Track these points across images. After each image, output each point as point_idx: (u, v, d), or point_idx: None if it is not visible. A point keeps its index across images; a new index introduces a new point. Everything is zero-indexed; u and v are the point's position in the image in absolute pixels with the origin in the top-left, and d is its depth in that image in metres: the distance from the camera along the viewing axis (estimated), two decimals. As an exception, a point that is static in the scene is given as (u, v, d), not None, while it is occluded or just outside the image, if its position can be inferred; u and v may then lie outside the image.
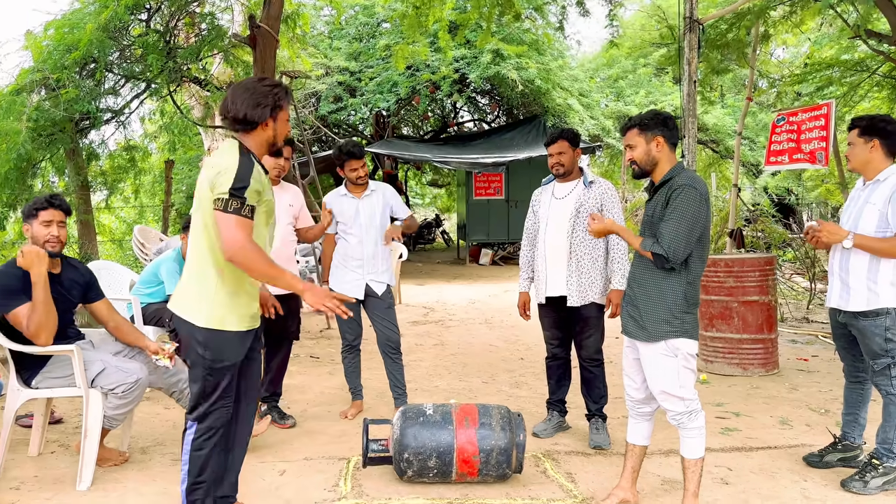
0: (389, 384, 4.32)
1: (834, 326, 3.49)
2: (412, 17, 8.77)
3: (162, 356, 3.39)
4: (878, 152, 3.23)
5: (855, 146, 3.28)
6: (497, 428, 3.22)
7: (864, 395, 3.48)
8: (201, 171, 2.62)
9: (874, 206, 3.17)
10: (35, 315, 3.11)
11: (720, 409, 4.54)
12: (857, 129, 3.28)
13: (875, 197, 3.19)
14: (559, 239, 3.87)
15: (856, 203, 3.31)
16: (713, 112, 13.85)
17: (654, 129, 2.86)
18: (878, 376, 3.20)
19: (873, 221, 3.17)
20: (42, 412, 3.61)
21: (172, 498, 3.10)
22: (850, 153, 3.32)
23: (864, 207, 3.22)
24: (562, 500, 3.12)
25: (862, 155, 3.26)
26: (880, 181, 3.21)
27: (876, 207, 3.16)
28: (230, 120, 2.55)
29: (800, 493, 3.21)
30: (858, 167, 3.31)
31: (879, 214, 3.15)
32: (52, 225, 3.23)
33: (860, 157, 3.27)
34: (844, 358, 3.51)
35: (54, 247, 3.25)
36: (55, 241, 3.24)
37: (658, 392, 2.85)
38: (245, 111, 2.51)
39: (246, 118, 2.52)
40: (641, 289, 2.88)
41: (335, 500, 3.08)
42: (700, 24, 6.10)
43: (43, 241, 3.22)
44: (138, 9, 7.96)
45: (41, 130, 7.48)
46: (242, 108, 2.51)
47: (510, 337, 7.19)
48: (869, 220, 3.19)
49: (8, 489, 3.17)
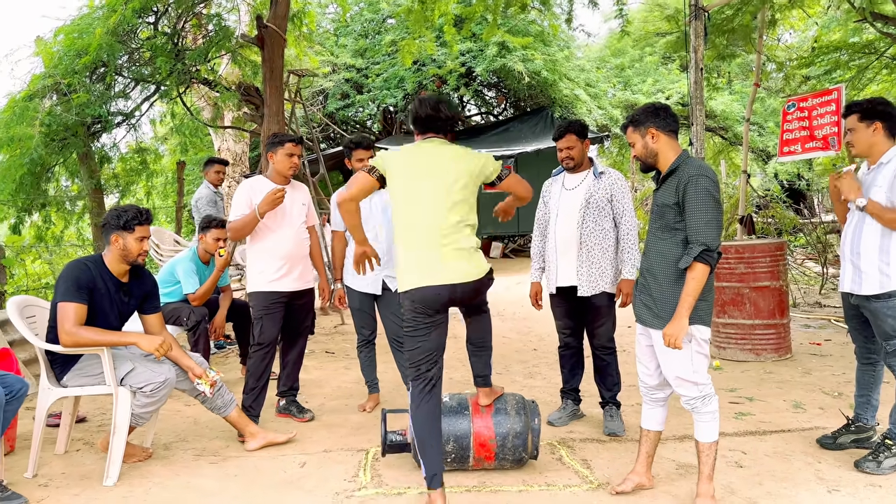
0: (402, 375, 4.38)
1: (846, 309, 3.52)
2: (418, 11, 8.79)
3: (204, 381, 3.48)
4: (881, 135, 3.26)
5: (857, 131, 3.30)
6: (512, 413, 3.28)
7: (877, 377, 3.51)
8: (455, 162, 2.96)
9: (880, 188, 3.21)
10: (83, 341, 3.22)
11: (733, 395, 4.57)
12: (857, 115, 3.30)
13: (880, 179, 3.22)
14: (569, 229, 3.91)
15: (864, 187, 3.33)
16: (721, 98, 13.78)
17: (646, 122, 2.90)
18: (892, 357, 3.22)
19: (880, 201, 3.20)
20: (70, 411, 3.69)
21: (196, 491, 3.17)
22: (853, 139, 3.33)
23: (871, 190, 3.25)
24: (578, 486, 3.17)
25: (866, 139, 3.28)
26: (883, 164, 3.25)
27: (882, 190, 3.20)
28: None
29: (814, 475, 3.24)
30: (863, 151, 3.33)
31: (886, 196, 3.19)
32: (145, 241, 3.38)
33: (864, 141, 3.29)
34: (856, 339, 3.53)
35: (143, 260, 3.43)
36: (145, 255, 3.41)
37: (672, 378, 2.89)
38: None
39: None
40: (654, 278, 2.91)
41: (355, 490, 3.14)
42: (706, 12, 6.09)
43: (136, 255, 3.36)
44: (146, 12, 8.03)
45: (54, 135, 7.58)
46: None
47: (523, 328, 7.24)
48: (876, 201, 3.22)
49: (37, 486, 3.25)
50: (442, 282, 2.89)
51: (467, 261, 2.94)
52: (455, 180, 2.94)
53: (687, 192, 2.76)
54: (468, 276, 2.93)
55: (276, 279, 3.99)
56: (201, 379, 3.48)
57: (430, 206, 2.93)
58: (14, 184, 7.36)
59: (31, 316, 3.50)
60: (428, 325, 2.96)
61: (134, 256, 3.36)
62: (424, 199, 2.94)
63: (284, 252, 4.01)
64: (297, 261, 4.08)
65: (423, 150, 3.03)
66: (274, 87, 6.14)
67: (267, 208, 3.88)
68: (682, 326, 2.72)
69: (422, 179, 2.96)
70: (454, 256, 2.91)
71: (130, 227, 3.32)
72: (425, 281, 2.90)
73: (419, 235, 2.94)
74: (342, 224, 4.37)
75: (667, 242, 2.86)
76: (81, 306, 3.22)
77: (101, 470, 3.34)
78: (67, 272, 3.28)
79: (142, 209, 3.39)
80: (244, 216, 3.94)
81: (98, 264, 3.35)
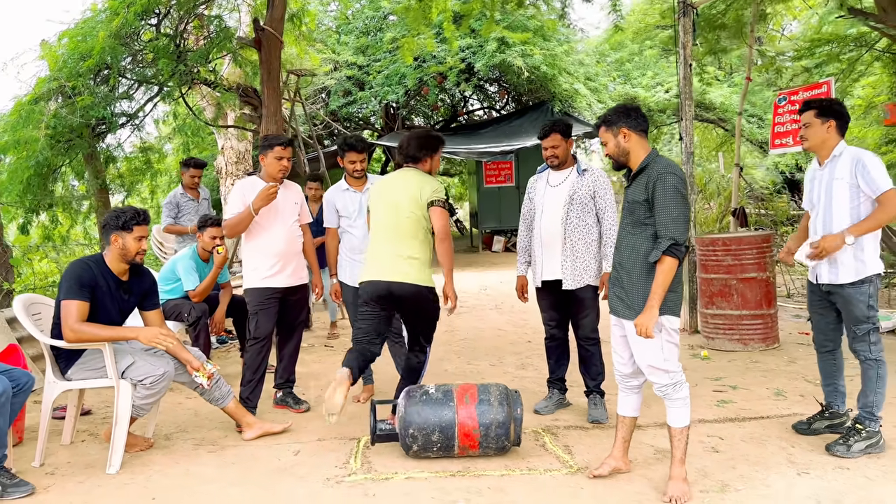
0: (395, 364, 4.53)
1: (814, 299, 3.64)
2: (416, 9, 8.90)
3: (202, 374, 3.63)
4: (833, 132, 3.41)
5: (812, 126, 3.44)
6: (495, 404, 3.42)
7: (838, 364, 3.64)
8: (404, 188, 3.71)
9: (841, 180, 3.35)
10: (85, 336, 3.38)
11: (718, 384, 4.70)
12: (814, 111, 3.44)
13: (839, 172, 3.37)
14: (554, 225, 4.04)
15: (820, 182, 3.46)
16: (720, 91, 13.83)
17: (618, 123, 3.03)
18: (858, 342, 3.36)
19: (845, 195, 3.35)
20: (75, 403, 3.86)
21: (194, 478, 3.34)
22: (807, 133, 3.47)
23: (833, 184, 3.38)
24: (558, 470, 3.31)
25: (820, 135, 3.42)
26: (836, 157, 3.41)
27: (844, 181, 3.34)
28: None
29: (786, 459, 3.37)
30: (815, 147, 3.47)
31: (849, 186, 3.33)
32: (143, 240, 3.54)
33: (818, 137, 3.43)
34: (817, 328, 3.67)
35: (142, 259, 3.59)
36: (143, 254, 3.57)
37: (645, 366, 3.02)
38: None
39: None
40: (626, 271, 3.04)
41: (345, 476, 3.30)
42: (694, 9, 6.19)
43: (134, 254, 3.51)
44: (148, 14, 8.18)
45: (59, 137, 7.74)
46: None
47: (519, 321, 7.37)
48: (841, 195, 3.37)
49: (44, 474, 3.42)
50: (382, 278, 3.66)
51: (408, 266, 3.66)
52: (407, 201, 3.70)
53: (656, 189, 2.89)
54: (406, 277, 3.65)
55: (270, 276, 4.15)
56: (199, 372, 3.64)
57: (387, 220, 3.74)
58: (21, 185, 7.53)
59: (37, 313, 3.66)
60: (371, 312, 3.74)
61: (133, 255, 3.52)
62: (384, 215, 3.75)
63: (277, 249, 4.17)
64: (290, 258, 4.24)
65: (392, 178, 3.88)
66: (271, 87, 6.29)
67: (261, 204, 4.03)
68: (653, 317, 2.85)
69: (384, 201, 3.78)
70: (398, 262, 3.66)
71: (129, 228, 3.47)
72: (372, 276, 3.70)
73: (378, 243, 3.77)
74: (335, 221, 4.53)
75: (637, 237, 2.99)
76: (84, 304, 3.38)
77: (105, 459, 3.50)
78: (70, 271, 3.44)
79: (139, 210, 3.54)
80: (239, 213, 4.09)
81: (99, 263, 3.51)
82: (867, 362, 3.36)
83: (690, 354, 5.60)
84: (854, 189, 3.33)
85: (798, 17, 15.37)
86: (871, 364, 3.35)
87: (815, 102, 3.49)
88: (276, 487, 3.21)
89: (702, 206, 8.99)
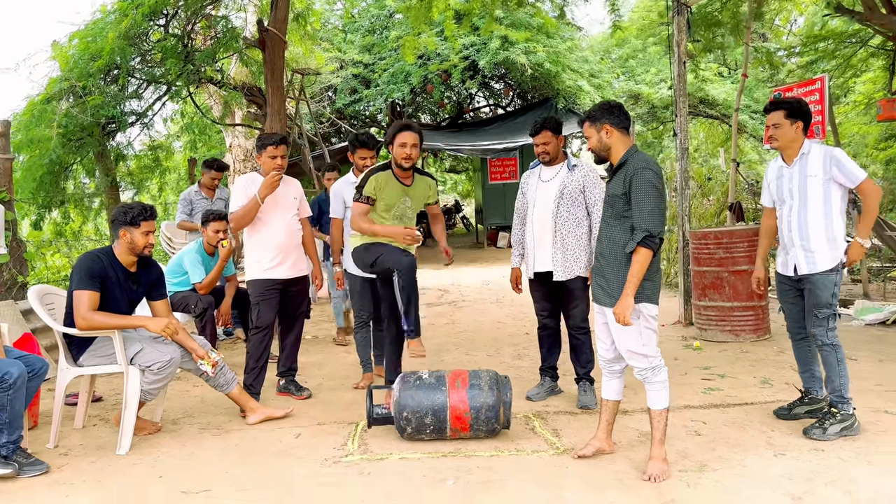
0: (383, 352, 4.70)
1: (785, 290, 3.81)
2: (417, 8, 9.06)
3: (207, 362, 3.81)
4: (800, 132, 3.58)
5: (782, 127, 3.58)
6: (486, 388, 3.58)
7: (812, 351, 3.79)
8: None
9: (815, 177, 3.51)
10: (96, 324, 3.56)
11: (707, 372, 4.84)
12: (783, 112, 3.58)
13: (811, 169, 3.53)
14: (545, 219, 4.19)
15: (790, 179, 3.61)
16: (722, 87, 13.91)
17: (602, 119, 3.17)
18: (817, 326, 3.52)
19: (819, 190, 3.52)
20: (86, 389, 4.06)
21: (199, 459, 3.52)
22: (778, 133, 3.60)
23: (807, 181, 3.54)
24: (545, 451, 3.47)
25: (790, 135, 3.57)
26: (805, 154, 3.55)
27: (818, 178, 3.50)
28: None
29: (765, 441, 3.51)
30: (784, 146, 3.62)
31: (822, 182, 3.50)
32: (150, 235, 3.72)
33: (788, 137, 3.58)
34: (791, 318, 3.82)
35: (150, 252, 3.77)
36: (151, 247, 3.75)
37: (624, 351, 3.18)
38: None
39: None
40: (607, 261, 3.20)
41: (343, 457, 3.47)
42: (688, 8, 6.31)
43: (142, 247, 3.70)
44: (156, 15, 8.38)
45: (71, 135, 7.97)
46: None
47: (518, 314, 7.52)
48: (815, 191, 3.53)
49: (58, 455, 3.62)
50: None
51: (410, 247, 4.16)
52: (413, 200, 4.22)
53: (633, 184, 3.04)
54: None
55: (271, 267, 4.33)
56: (204, 359, 3.82)
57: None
58: (35, 182, 7.76)
59: (50, 303, 3.86)
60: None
61: (140, 249, 3.71)
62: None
63: (278, 242, 4.35)
64: (290, 250, 4.41)
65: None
66: (275, 87, 6.47)
67: (266, 192, 4.21)
68: (629, 304, 3.01)
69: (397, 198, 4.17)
70: None
71: (136, 223, 3.66)
72: None
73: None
74: (340, 212, 4.72)
75: (617, 229, 3.14)
76: (95, 294, 3.57)
77: (115, 442, 3.69)
78: (81, 263, 3.63)
79: (147, 206, 3.73)
80: (244, 205, 4.26)
81: (109, 256, 3.70)
82: (824, 347, 3.54)
83: (683, 345, 5.75)
84: (827, 184, 3.50)
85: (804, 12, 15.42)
86: (828, 350, 3.52)
87: (784, 103, 3.63)
88: (277, 467, 3.39)
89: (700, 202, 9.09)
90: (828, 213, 3.52)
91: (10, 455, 3.26)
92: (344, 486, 3.12)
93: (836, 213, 3.55)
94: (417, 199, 4.27)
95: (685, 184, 6.44)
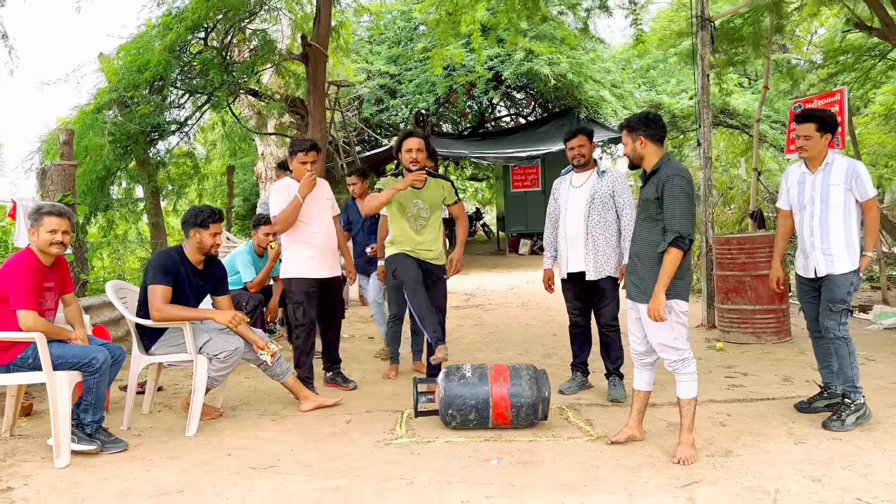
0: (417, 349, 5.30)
1: (805, 291, 4.07)
2: (446, 22, 9.41)
3: (266, 352, 4.14)
4: (827, 143, 3.84)
5: (812, 138, 3.83)
6: (525, 387, 3.81)
7: (831, 349, 4.02)
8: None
9: (837, 185, 3.79)
10: (169, 316, 3.90)
11: (730, 371, 5.09)
12: (814, 124, 3.83)
13: (834, 178, 3.80)
14: (577, 222, 4.48)
15: (813, 186, 3.87)
16: (744, 98, 14.12)
17: (638, 130, 3.46)
18: (831, 319, 3.78)
19: (840, 198, 3.80)
20: (154, 378, 4.41)
21: (261, 440, 3.83)
22: (808, 145, 3.85)
23: (829, 189, 3.81)
24: (580, 438, 3.75)
25: (819, 146, 3.84)
26: (829, 164, 3.83)
27: (840, 187, 3.79)
28: None
29: (786, 431, 3.76)
30: (813, 156, 3.87)
31: (844, 191, 3.79)
32: (218, 235, 4.08)
33: (817, 148, 3.84)
34: (809, 316, 4.08)
35: (216, 252, 4.13)
36: (217, 247, 4.12)
37: (657, 344, 3.45)
38: None
39: None
40: (640, 261, 3.48)
41: (393, 440, 3.77)
42: (711, 22, 6.59)
43: (209, 247, 4.07)
44: (197, 28, 8.80)
45: (118, 143, 8.40)
46: None
47: (545, 317, 7.80)
48: (836, 198, 3.81)
49: (132, 436, 3.95)
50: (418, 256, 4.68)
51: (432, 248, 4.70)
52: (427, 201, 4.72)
53: (665, 189, 3.32)
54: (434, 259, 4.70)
55: (309, 267, 4.64)
56: (264, 350, 4.15)
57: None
58: (84, 188, 8.18)
59: (124, 297, 4.20)
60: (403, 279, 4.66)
61: (208, 248, 4.05)
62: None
63: (318, 242, 4.65)
64: (327, 250, 4.72)
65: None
66: (317, 98, 6.82)
67: (307, 190, 4.52)
68: (661, 301, 3.28)
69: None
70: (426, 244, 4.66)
71: (206, 225, 4.00)
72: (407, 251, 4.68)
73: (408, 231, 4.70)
74: None
75: (650, 231, 3.42)
76: (168, 288, 3.91)
77: (182, 425, 4.02)
78: (156, 260, 3.97)
79: (215, 209, 4.07)
80: (286, 207, 4.56)
81: (180, 254, 4.04)
82: (836, 340, 3.80)
83: (706, 346, 5.99)
84: (847, 193, 3.80)
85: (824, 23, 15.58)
86: (840, 342, 3.79)
87: (816, 116, 3.87)
88: (333, 447, 3.69)
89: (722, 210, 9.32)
90: (847, 220, 3.80)
91: (93, 433, 3.60)
92: (398, 464, 3.42)
93: (854, 220, 3.83)
94: (431, 200, 4.71)
95: (708, 192, 6.70)
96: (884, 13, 6.46)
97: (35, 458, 3.60)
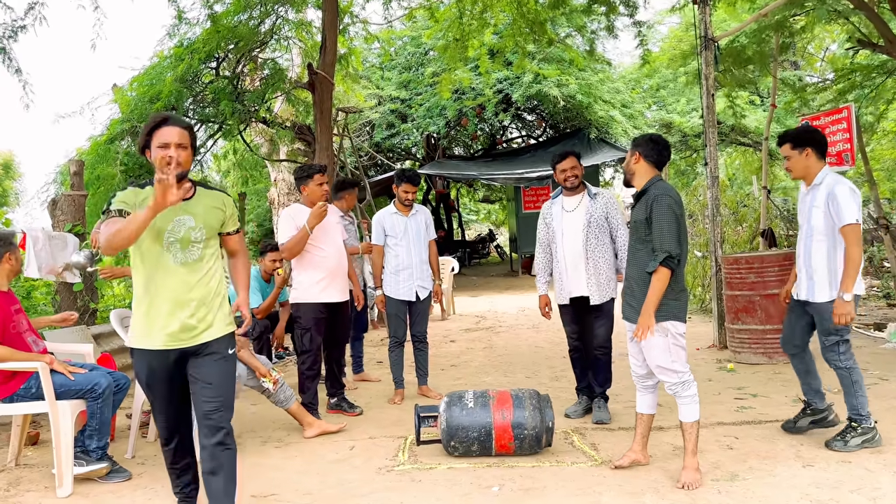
0: (415, 367, 5.28)
1: (794, 305, 3.99)
2: (454, 47, 9.52)
3: (268, 379, 4.18)
4: (812, 158, 3.76)
5: (792, 158, 3.81)
6: (529, 416, 3.77)
7: (807, 364, 3.97)
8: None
9: (818, 208, 3.71)
10: None
11: (740, 392, 5.02)
12: (788, 144, 3.80)
13: (817, 200, 3.73)
14: (576, 248, 4.44)
15: (804, 205, 3.83)
16: (755, 116, 14.08)
17: (638, 147, 3.48)
18: (829, 352, 3.71)
19: (821, 220, 3.72)
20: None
21: (265, 467, 3.83)
22: (790, 165, 3.83)
23: (812, 210, 3.76)
24: (584, 463, 3.70)
25: (800, 164, 3.79)
26: (817, 185, 3.75)
27: (820, 210, 3.70)
28: None
29: (794, 454, 3.70)
30: (801, 174, 3.83)
31: (824, 215, 3.69)
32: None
33: (800, 166, 3.79)
34: (788, 322, 4.02)
35: None
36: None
37: (655, 367, 3.41)
38: None
39: None
40: (635, 282, 3.46)
41: (395, 466, 3.75)
42: (715, 42, 6.60)
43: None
44: (209, 58, 8.96)
45: (130, 172, 8.52)
46: None
47: (555, 339, 7.75)
48: (818, 220, 3.74)
49: (136, 464, 3.97)
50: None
51: None
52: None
53: (653, 209, 3.32)
54: None
55: (319, 291, 4.65)
56: (266, 377, 4.16)
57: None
58: (97, 218, 8.29)
59: (128, 326, 4.24)
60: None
61: None
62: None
63: (328, 266, 4.68)
64: (337, 274, 4.74)
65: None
66: (324, 125, 6.91)
67: (316, 221, 4.55)
68: (648, 321, 3.27)
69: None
70: None
71: None
72: None
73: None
74: (381, 239, 5.16)
75: (641, 252, 3.41)
76: None
77: (186, 453, 4.02)
78: None
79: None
80: (294, 235, 4.60)
81: None
82: (840, 371, 3.71)
83: (717, 367, 5.92)
84: (828, 216, 3.67)
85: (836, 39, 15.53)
86: (843, 373, 3.70)
87: (790, 135, 3.85)
88: (335, 474, 3.68)
89: (733, 228, 9.26)
90: (830, 246, 3.68)
91: (100, 459, 3.62)
92: (398, 491, 3.40)
93: (840, 246, 3.65)
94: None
95: (716, 210, 6.66)
96: (887, 30, 6.45)
97: (39, 487, 3.63)
